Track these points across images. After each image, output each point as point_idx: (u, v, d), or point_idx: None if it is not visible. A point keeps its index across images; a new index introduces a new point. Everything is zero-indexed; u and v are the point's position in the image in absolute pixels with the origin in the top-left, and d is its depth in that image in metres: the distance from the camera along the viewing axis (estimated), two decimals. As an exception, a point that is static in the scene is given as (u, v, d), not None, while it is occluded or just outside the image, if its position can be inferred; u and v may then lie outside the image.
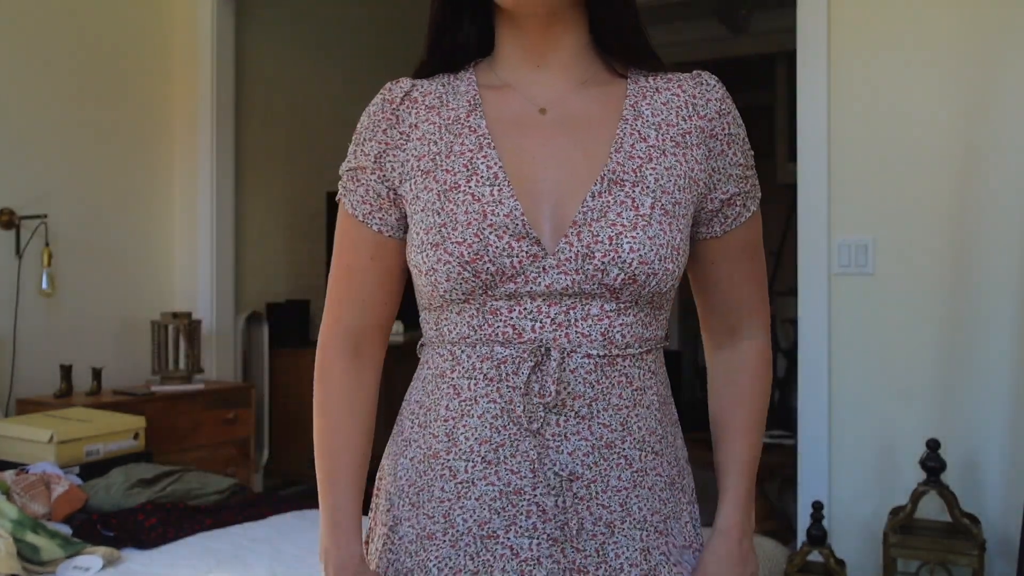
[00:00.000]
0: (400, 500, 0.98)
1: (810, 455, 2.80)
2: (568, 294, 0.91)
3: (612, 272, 0.90)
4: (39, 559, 1.96)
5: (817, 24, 2.78)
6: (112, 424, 2.77)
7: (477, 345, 0.93)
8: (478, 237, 0.90)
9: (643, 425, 0.95)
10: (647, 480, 0.95)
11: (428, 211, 0.94)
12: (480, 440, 0.92)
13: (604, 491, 0.92)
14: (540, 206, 0.92)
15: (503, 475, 0.91)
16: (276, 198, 4.44)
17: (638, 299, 0.92)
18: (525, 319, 0.91)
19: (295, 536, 2.21)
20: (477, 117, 0.97)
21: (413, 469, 0.97)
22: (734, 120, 1.01)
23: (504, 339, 0.92)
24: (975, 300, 2.61)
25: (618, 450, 0.93)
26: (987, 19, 2.61)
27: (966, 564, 2.41)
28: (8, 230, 3.25)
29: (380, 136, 0.99)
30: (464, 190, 0.92)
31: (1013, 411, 2.56)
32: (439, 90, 1.00)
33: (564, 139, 0.95)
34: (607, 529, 0.92)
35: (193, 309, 3.83)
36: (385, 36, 5.22)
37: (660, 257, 0.91)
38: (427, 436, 0.96)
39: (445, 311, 0.95)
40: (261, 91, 4.34)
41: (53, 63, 3.44)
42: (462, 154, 0.94)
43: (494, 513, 0.92)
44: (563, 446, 0.91)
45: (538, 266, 0.90)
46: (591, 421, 0.92)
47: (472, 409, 0.93)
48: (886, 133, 2.71)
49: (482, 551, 0.92)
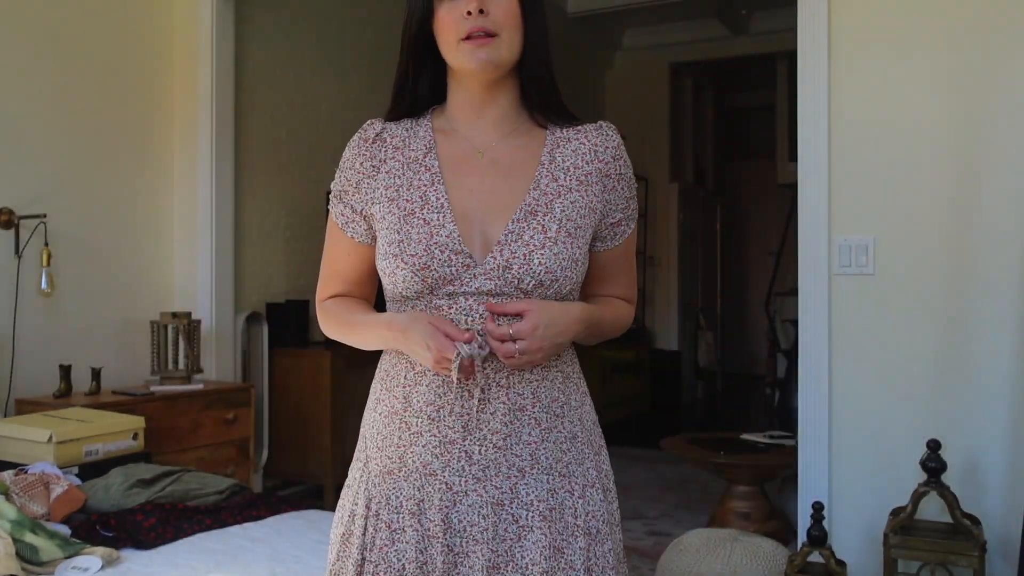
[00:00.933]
0: (371, 443, 1.30)
1: (810, 455, 2.80)
2: (492, 294, 1.21)
3: (526, 280, 1.21)
4: (38, 559, 1.96)
5: (817, 24, 2.78)
6: (111, 424, 2.77)
7: None
8: (427, 252, 1.21)
9: (548, 394, 1.26)
10: (551, 436, 1.25)
11: (391, 229, 1.25)
12: (427, 403, 1.24)
13: (517, 444, 1.23)
14: (473, 229, 1.23)
15: (442, 429, 1.23)
16: (276, 198, 4.44)
17: (545, 299, 1.23)
18: (460, 313, 1.22)
19: (295, 536, 2.21)
20: (432, 157, 1.27)
21: (380, 421, 1.29)
22: (624, 162, 1.33)
23: None
24: (975, 300, 2.60)
25: (529, 413, 1.24)
26: (987, 19, 2.60)
27: (967, 565, 2.40)
28: (7, 230, 3.25)
29: (358, 167, 1.30)
30: (418, 216, 1.24)
31: (1014, 411, 2.56)
32: (403, 133, 1.30)
33: (495, 178, 1.26)
34: (519, 473, 1.23)
35: (193, 309, 3.83)
36: (385, 36, 5.22)
37: (562, 268, 1.23)
38: (390, 397, 1.28)
39: (403, 305, 1.27)
40: (261, 91, 4.33)
41: (53, 63, 3.44)
42: (419, 187, 1.26)
43: (434, 457, 1.23)
44: (487, 409, 1.22)
45: (470, 273, 1.21)
46: (508, 391, 1.23)
47: (422, 379, 1.25)
48: (886, 133, 2.71)
49: (425, 485, 1.23)
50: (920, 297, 2.67)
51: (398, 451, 1.25)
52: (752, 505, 3.61)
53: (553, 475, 1.24)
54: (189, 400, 3.37)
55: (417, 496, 1.23)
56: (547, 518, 1.22)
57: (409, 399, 1.25)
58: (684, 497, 4.62)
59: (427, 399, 1.23)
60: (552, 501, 1.23)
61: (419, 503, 1.23)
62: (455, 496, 1.22)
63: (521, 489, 1.23)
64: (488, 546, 1.21)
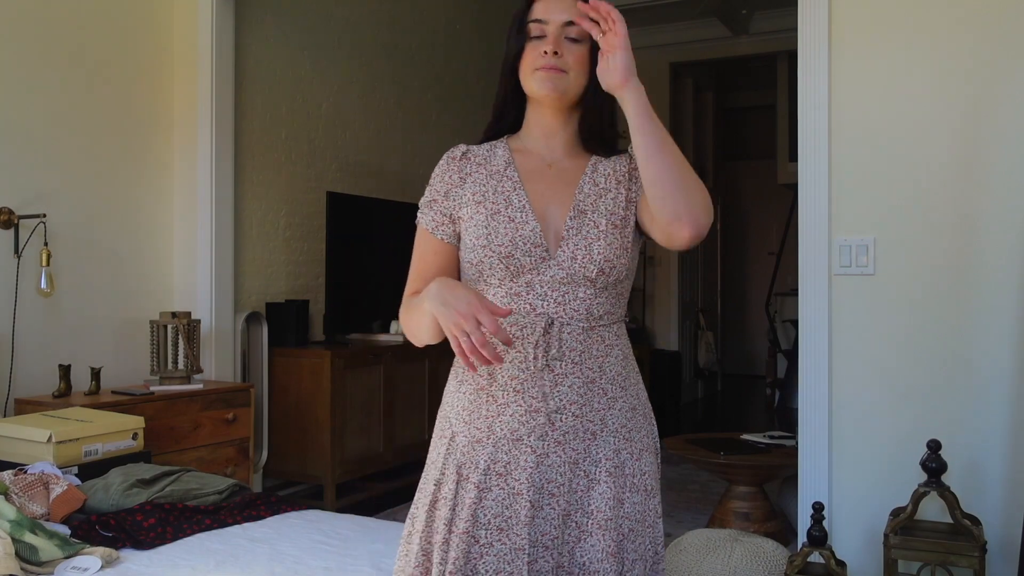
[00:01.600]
0: (456, 419, 1.50)
1: (810, 456, 2.80)
2: (564, 282, 1.46)
3: (589, 267, 1.46)
4: (37, 559, 1.95)
5: (817, 24, 2.78)
6: (111, 424, 2.77)
7: None
8: (512, 243, 1.46)
9: (612, 369, 1.49)
10: (616, 405, 1.49)
11: (479, 226, 1.49)
12: (511, 377, 1.45)
13: (589, 411, 1.46)
14: (548, 227, 1.49)
15: (527, 400, 1.44)
16: (276, 198, 4.44)
17: (607, 285, 1.48)
18: (537, 299, 1.46)
19: (294, 536, 2.21)
20: (512, 170, 1.54)
21: (466, 398, 1.49)
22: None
23: (524, 312, 1.45)
24: (976, 300, 2.60)
25: (597, 385, 1.47)
26: (987, 19, 2.60)
27: (967, 566, 2.40)
28: (7, 229, 3.25)
29: (447, 179, 1.56)
30: (503, 214, 1.49)
31: (1014, 412, 2.55)
32: (484, 152, 1.59)
33: (559, 184, 1.53)
34: (591, 436, 1.47)
35: (192, 309, 3.83)
36: (385, 36, 5.22)
37: (617, 256, 1.48)
38: (475, 376, 1.48)
39: (486, 292, 1.49)
40: (261, 91, 4.33)
41: (52, 63, 3.44)
42: (503, 192, 1.52)
43: (520, 424, 1.44)
44: (562, 382, 1.45)
45: (545, 264, 1.46)
46: (580, 366, 1.46)
47: (505, 357, 1.44)
48: (886, 133, 2.71)
49: (512, 449, 1.44)
50: (920, 297, 2.67)
51: (486, 422, 1.46)
52: (752, 505, 3.61)
53: (618, 438, 1.48)
54: (189, 400, 3.37)
55: (504, 459, 1.44)
56: (612, 474, 1.47)
57: (494, 375, 1.46)
58: (684, 497, 4.62)
59: (511, 374, 1.45)
60: (616, 460, 1.47)
61: (506, 465, 1.44)
62: (539, 458, 1.44)
63: (593, 449, 1.46)
64: (564, 498, 1.44)
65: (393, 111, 5.28)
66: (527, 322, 1.44)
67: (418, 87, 5.53)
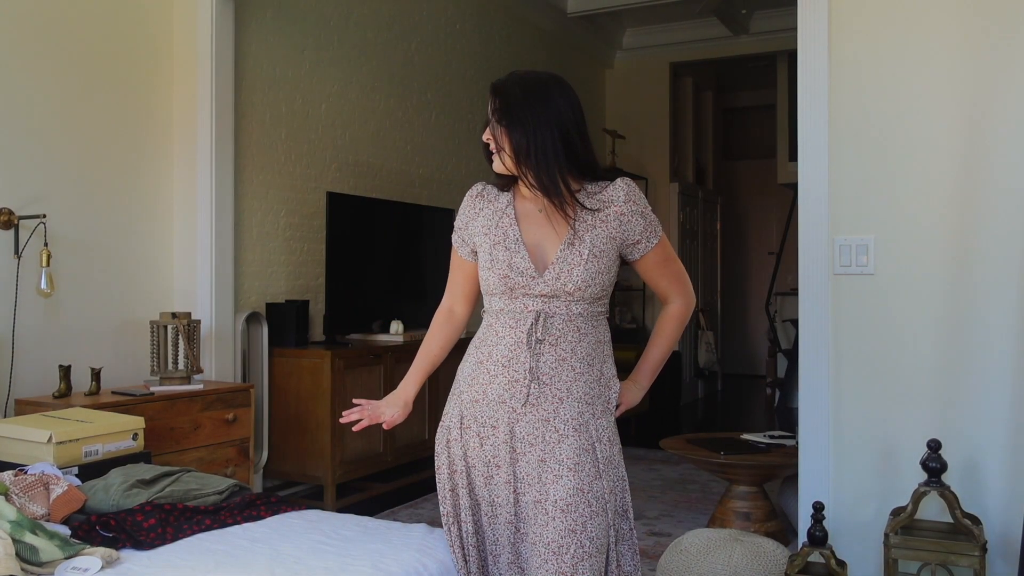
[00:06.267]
0: (464, 382, 2.01)
1: (811, 455, 2.80)
2: (549, 296, 1.91)
3: (569, 285, 1.90)
4: (38, 560, 1.95)
5: (817, 24, 2.78)
6: (111, 424, 2.76)
7: (506, 312, 1.95)
8: (508, 267, 1.92)
9: (582, 350, 1.93)
10: (583, 378, 1.92)
11: (486, 253, 1.97)
12: (503, 355, 1.93)
13: (559, 383, 1.91)
14: (536, 255, 1.94)
15: (511, 373, 1.92)
16: (276, 198, 4.44)
17: (582, 298, 1.92)
18: (529, 302, 1.92)
19: (294, 536, 2.20)
20: (510, 210, 1.99)
21: (471, 368, 1.99)
22: (634, 203, 1.97)
23: (519, 310, 1.93)
24: (975, 300, 2.60)
25: (568, 362, 1.92)
26: (987, 19, 2.60)
27: (967, 565, 2.40)
28: (7, 230, 3.25)
29: (467, 212, 2.05)
30: (502, 246, 1.95)
31: (1014, 411, 2.55)
32: (495, 193, 2.04)
33: (548, 224, 1.96)
34: (559, 401, 1.91)
35: (192, 309, 3.83)
36: (385, 36, 5.22)
37: (592, 277, 1.90)
38: (479, 352, 1.99)
39: (494, 298, 1.97)
40: (261, 91, 4.33)
41: (52, 63, 3.44)
42: (502, 228, 1.97)
43: (505, 391, 1.92)
44: (542, 359, 1.91)
45: (534, 283, 1.91)
46: (555, 347, 1.91)
47: (501, 342, 1.94)
48: (886, 133, 2.71)
49: (498, 409, 1.93)
50: (920, 297, 2.67)
51: (482, 387, 1.95)
52: (752, 505, 3.61)
53: (582, 403, 1.91)
54: (189, 400, 3.36)
55: (494, 417, 1.93)
56: (577, 430, 1.90)
57: (491, 354, 1.95)
58: (684, 497, 4.62)
59: (502, 353, 1.93)
60: (580, 420, 1.91)
61: (495, 420, 1.93)
62: (517, 416, 1.91)
63: (561, 411, 1.90)
64: (539, 447, 1.90)
65: (393, 111, 5.28)
66: (521, 315, 1.92)
67: (418, 87, 5.53)
